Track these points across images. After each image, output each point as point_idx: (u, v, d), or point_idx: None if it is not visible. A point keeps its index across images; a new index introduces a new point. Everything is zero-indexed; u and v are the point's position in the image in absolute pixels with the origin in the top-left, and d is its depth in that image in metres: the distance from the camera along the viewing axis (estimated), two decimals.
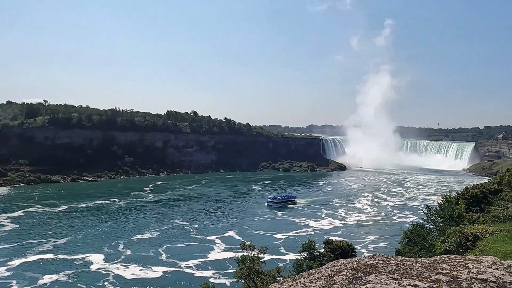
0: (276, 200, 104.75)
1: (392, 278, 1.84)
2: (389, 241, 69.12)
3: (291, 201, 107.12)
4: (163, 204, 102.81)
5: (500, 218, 23.23)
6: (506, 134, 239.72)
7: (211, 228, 79.09)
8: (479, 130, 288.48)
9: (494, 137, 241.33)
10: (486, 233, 18.06)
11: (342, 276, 2.09)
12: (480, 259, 2.10)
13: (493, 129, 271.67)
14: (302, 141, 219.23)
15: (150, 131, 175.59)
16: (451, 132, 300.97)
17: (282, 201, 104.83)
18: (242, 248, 27.53)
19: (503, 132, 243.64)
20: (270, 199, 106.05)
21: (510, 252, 13.01)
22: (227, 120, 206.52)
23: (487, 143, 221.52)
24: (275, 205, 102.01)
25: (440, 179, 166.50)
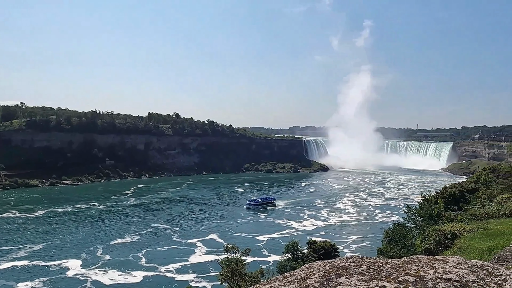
0: (255, 202, 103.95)
1: (362, 279, 1.88)
2: (371, 240, 69.97)
3: (271, 203, 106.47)
4: (144, 208, 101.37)
5: (477, 216, 23.82)
6: (482, 134, 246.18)
7: (193, 231, 78.28)
8: (457, 130, 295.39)
9: (470, 137, 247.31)
10: (463, 231, 18.46)
11: (315, 279, 2.10)
12: (446, 259, 2.12)
13: (469, 129, 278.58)
14: (285, 143, 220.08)
15: (131, 133, 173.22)
16: (430, 133, 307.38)
17: (261, 203, 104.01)
18: (225, 251, 27.42)
19: (479, 132, 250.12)
20: (249, 202, 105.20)
21: (486, 249, 13.32)
22: (210, 122, 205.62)
23: (464, 143, 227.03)
24: (254, 208, 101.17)
25: (420, 179, 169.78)
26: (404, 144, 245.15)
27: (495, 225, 17.77)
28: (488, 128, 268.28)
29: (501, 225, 16.67)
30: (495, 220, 20.26)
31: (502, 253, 8.25)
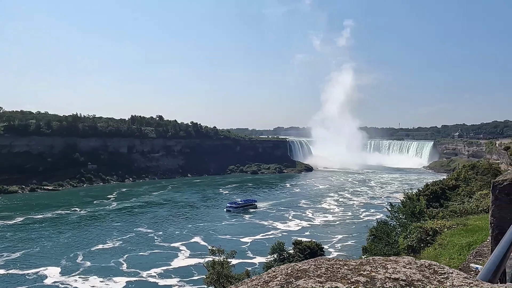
0: (235, 205, 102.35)
1: (318, 281, 1.97)
2: (356, 239, 70.46)
3: (252, 205, 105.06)
4: (127, 212, 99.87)
5: (457, 212, 24.38)
6: (461, 132, 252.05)
7: (176, 235, 77.41)
8: (437, 129, 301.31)
9: (450, 135, 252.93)
10: (444, 227, 18.88)
11: (276, 282, 2.14)
12: (398, 259, 2.16)
13: (449, 127, 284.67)
14: (269, 144, 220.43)
15: (114, 136, 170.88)
16: (411, 132, 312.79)
17: (242, 205, 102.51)
18: (211, 253, 27.27)
19: (459, 131, 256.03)
20: (229, 204, 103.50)
21: (465, 244, 13.61)
22: (194, 124, 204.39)
23: (444, 141, 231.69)
24: (234, 210, 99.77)
25: (403, 177, 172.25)
26: (386, 143, 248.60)
27: (474, 221, 18.20)
28: (467, 126, 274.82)
29: (480, 221, 17.10)
30: (474, 216, 20.77)
31: (480, 248, 8.42)
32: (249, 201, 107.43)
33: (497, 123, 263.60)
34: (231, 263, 30.65)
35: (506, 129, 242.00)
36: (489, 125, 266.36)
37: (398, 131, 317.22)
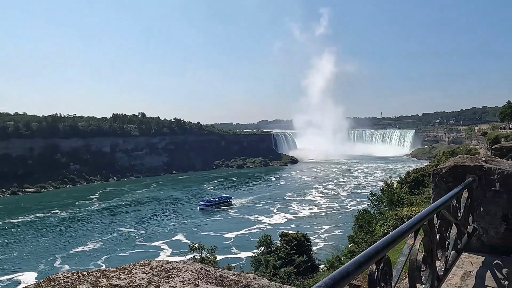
0: (208, 202, 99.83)
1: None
2: (343, 228, 71.05)
3: (226, 202, 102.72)
4: (109, 212, 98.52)
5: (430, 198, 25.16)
6: (442, 119, 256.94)
7: (159, 233, 76.71)
8: (418, 117, 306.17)
9: (431, 123, 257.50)
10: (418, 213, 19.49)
11: None
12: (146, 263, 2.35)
13: (430, 115, 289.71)
14: (254, 137, 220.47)
15: (96, 136, 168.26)
16: (393, 120, 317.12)
17: (216, 203, 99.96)
18: (191, 250, 27.32)
19: (439, 118, 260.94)
20: (202, 202, 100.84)
21: None
22: (177, 120, 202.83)
23: (426, 129, 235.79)
24: (207, 208, 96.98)
25: (386, 166, 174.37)
26: (369, 132, 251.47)
27: None
28: (447, 114, 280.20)
29: None
30: None
31: None
32: (224, 198, 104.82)
33: (475, 109, 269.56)
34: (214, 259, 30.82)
35: (484, 115, 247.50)
36: (468, 112, 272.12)
37: (381, 120, 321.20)
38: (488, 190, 4.70)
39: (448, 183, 4.83)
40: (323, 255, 50.21)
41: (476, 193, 4.71)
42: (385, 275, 2.10)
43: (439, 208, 3.22)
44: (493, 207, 4.68)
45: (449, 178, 4.87)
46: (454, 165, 4.92)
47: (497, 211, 4.67)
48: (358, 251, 31.49)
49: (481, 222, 4.74)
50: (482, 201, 4.73)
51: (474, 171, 4.76)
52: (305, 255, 44.73)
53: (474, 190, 4.69)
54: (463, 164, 4.86)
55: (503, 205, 4.63)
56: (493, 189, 4.67)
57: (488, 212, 4.71)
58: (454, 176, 4.85)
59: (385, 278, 2.09)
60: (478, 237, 4.73)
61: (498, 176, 4.65)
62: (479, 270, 4.21)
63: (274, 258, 46.93)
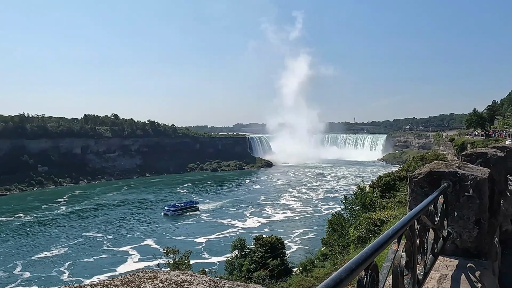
0: (173, 207, 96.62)
1: None
2: (316, 232, 71.64)
3: (192, 207, 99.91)
4: (77, 216, 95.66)
5: (403, 202, 25.79)
6: (412, 125, 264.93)
7: (128, 238, 74.89)
8: (390, 122, 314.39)
9: (402, 128, 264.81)
10: (391, 217, 19.96)
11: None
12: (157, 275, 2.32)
13: (401, 121, 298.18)
14: (229, 140, 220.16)
15: (66, 137, 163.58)
16: (366, 126, 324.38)
17: (181, 208, 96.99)
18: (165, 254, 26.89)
19: (410, 124, 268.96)
20: (167, 208, 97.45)
21: None
22: (151, 122, 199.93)
23: (396, 134, 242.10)
24: (172, 214, 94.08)
25: (359, 170, 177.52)
26: (343, 137, 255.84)
27: None
28: (417, 120, 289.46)
29: None
30: None
31: None
32: (190, 203, 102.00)
33: (443, 116, 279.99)
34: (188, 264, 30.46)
35: (452, 121, 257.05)
36: (436, 118, 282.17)
37: (354, 125, 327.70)
38: (462, 196, 4.86)
39: (424, 188, 4.96)
40: (296, 258, 50.54)
41: (450, 198, 4.87)
42: (373, 280, 2.13)
43: (419, 214, 3.31)
44: (467, 212, 4.84)
45: (425, 183, 5.00)
46: (430, 171, 5.06)
47: (470, 215, 4.83)
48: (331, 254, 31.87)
49: (455, 226, 4.89)
50: (456, 206, 4.89)
51: (449, 177, 4.91)
52: (279, 258, 44.85)
53: (449, 195, 4.84)
54: (439, 170, 5.01)
55: (475, 210, 4.80)
56: (466, 194, 4.83)
57: (461, 216, 4.87)
58: (429, 182, 4.99)
59: (372, 283, 2.13)
60: (452, 241, 4.88)
61: (472, 181, 4.82)
62: (454, 273, 4.35)
63: (248, 262, 46.86)
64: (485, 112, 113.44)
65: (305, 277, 29.84)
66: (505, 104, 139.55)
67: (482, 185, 4.78)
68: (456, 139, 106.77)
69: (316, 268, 31.70)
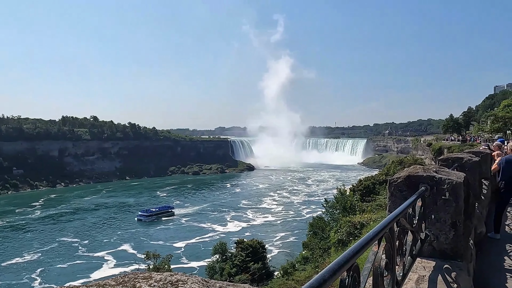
0: (147, 213, 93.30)
1: None
2: (298, 235, 71.79)
3: (168, 212, 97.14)
4: (52, 220, 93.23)
5: (382, 205, 26.29)
6: (391, 130, 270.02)
7: (104, 243, 73.27)
8: (370, 127, 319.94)
9: (382, 133, 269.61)
10: (370, 220, 20.31)
11: None
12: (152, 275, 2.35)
13: (380, 126, 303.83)
14: (211, 144, 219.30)
15: (43, 139, 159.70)
16: (346, 130, 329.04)
17: (156, 213, 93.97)
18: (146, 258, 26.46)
19: (389, 129, 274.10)
20: (140, 213, 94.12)
21: None
22: (132, 125, 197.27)
23: (376, 139, 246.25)
24: (146, 219, 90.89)
25: (341, 174, 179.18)
26: (324, 141, 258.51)
27: None
28: (396, 125, 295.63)
29: None
30: None
31: None
32: (165, 208, 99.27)
33: (421, 121, 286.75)
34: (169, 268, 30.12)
35: (430, 126, 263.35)
36: (415, 123, 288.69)
37: (335, 129, 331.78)
38: (439, 199, 5.02)
39: (403, 192, 5.10)
40: (277, 262, 50.67)
41: (428, 201, 5.02)
42: (355, 281, 2.19)
43: (399, 216, 3.41)
44: (443, 215, 5.00)
45: (403, 187, 5.14)
46: (408, 175, 5.20)
47: (446, 218, 4.99)
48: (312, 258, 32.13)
49: (433, 229, 5.04)
50: (434, 209, 5.04)
51: (426, 180, 5.07)
52: (260, 262, 44.92)
53: (427, 198, 4.99)
54: (417, 174, 5.17)
55: (452, 213, 4.97)
56: (443, 197, 4.99)
57: (438, 219, 5.03)
58: (408, 186, 5.13)
59: (354, 284, 2.19)
60: (429, 243, 5.03)
61: (448, 185, 4.98)
62: (431, 274, 4.48)
63: (229, 266, 46.74)
64: (461, 118, 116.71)
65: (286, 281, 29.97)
66: (480, 110, 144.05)
67: (458, 189, 4.95)
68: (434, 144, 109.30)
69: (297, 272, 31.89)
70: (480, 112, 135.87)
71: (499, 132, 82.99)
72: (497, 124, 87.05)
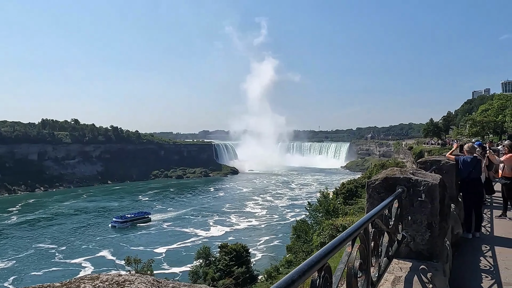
0: (122, 219, 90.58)
1: None
2: (282, 239, 71.65)
3: (144, 218, 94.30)
4: (29, 226, 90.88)
5: (364, 208, 26.67)
6: (373, 134, 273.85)
7: (82, 249, 71.59)
8: (353, 131, 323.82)
9: (364, 137, 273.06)
10: (352, 223, 20.54)
11: None
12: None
13: (363, 130, 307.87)
14: (195, 147, 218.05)
15: (21, 142, 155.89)
16: (330, 134, 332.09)
17: (131, 219, 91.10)
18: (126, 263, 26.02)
19: (371, 133, 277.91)
20: (115, 219, 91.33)
21: None
22: (114, 128, 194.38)
23: (359, 142, 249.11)
24: (120, 225, 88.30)
25: (324, 178, 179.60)
26: (308, 145, 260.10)
27: None
28: (378, 129, 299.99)
29: None
30: None
31: None
32: (141, 214, 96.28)
33: (403, 125, 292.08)
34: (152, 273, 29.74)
35: (411, 130, 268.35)
36: (396, 127, 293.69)
37: (318, 133, 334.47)
38: (415, 200, 5.10)
39: (381, 194, 5.16)
40: (261, 266, 50.51)
41: (405, 203, 5.10)
42: (326, 282, 2.19)
43: (373, 217, 3.44)
44: (420, 216, 5.09)
45: (381, 189, 5.21)
46: (386, 177, 5.28)
47: (422, 219, 5.08)
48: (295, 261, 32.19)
49: (409, 230, 5.12)
50: (410, 210, 5.12)
51: (403, 182, 5.15)
52: (244, 266, 44.73)
53: (403, 200, 5.07)
54: (394, 176, 5.25)
55: (428, 214, 5.05)
56: (419, 199, 5.08)
57: (415, 220, 5.11)
58: (385, 187, 5.20)
59: (326, 284, 2.18)
60: (406, 244, 5.10)
61: (424, 187, 5.07)
62: (407, 275, 4.53)
63: (212, 270, 46.38)
64: (441, 122, 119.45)
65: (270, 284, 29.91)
66: (459, 114, 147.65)
67: (433, 190, 5.04)
68: (415, 147, 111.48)
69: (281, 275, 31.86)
70: (459, 117, 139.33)
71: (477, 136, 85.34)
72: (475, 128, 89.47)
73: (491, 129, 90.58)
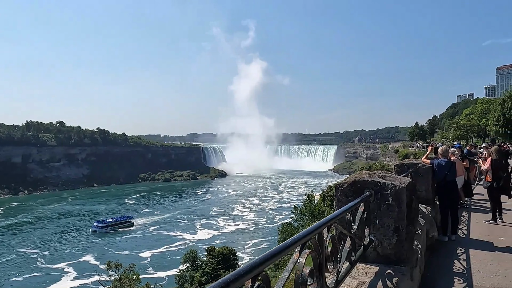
0: (102, 224, 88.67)
1: None
2: (270, 242, 71.43)
3: (126, 222, 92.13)
4: (11, 230, 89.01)
5: None
6: (361, 137, 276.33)
7: (66, 254, 70.34)
8: (340, 134, 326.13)
9: (352, 140, 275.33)
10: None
11: None
12: None
13: (351, 133, 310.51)
14: (183, 150, 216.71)
15: (4, 144, 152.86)
16: (318, 137, 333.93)
17: (113, 223, 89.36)
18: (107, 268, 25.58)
19: (358, 136, 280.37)
20: (96, 223, 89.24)
21: None
22: (100, 131, 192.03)
23: (347, 145, 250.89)
24: (101, 230, 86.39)
25: (313, 181, 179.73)
26: (296, 148, 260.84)
27: None
28: (366, 132, 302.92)
29: None
30: None
31: None
32: (123, 219, 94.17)
33: (389, 129, 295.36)
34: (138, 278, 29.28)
35: (397, 133, 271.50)
36: (383, 131, 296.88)
37: (306, 136, 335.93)
38: (383, 204, 5.05)
39: (349, 197, 5.10)
40: None
41: (372, 206, 5.03)
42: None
43: (330, 222, 3.35)
44: (387, 220, 5.03)
45: (349, 192, 5.14)
46: (354, 180, 5.22)
47: (390, 223, 5.02)
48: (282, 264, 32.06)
49: (377, 234, 5.05)
50: (378, 214, 5.06)
51: (371, 186, 5.09)
52: (231, 269, 44.47)
53: (371, 204, 5.00)
54: (362, 179, 5.19)
55: (395, 218, 5.00)
56: (386, 203, 5.02)
57: (382, 224, 5.05)
58: (354, 191, 5.14)
59: None
60: (374, 249, 5.03)
61: (391, 190, 5.02)
62: (372, 280, 4.46)
63: (199, 274, 46.07)
64: (426, 125, 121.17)
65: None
66: (444, 118, 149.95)
67: (400, 194, 4.99)
68: (401, 150, 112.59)
69: None
70: (444, 120, 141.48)
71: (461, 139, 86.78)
72: (459, 132, 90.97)
73: (475, 132, 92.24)
